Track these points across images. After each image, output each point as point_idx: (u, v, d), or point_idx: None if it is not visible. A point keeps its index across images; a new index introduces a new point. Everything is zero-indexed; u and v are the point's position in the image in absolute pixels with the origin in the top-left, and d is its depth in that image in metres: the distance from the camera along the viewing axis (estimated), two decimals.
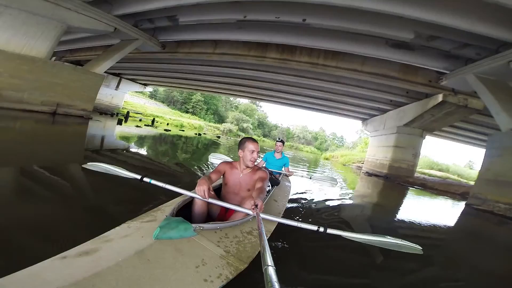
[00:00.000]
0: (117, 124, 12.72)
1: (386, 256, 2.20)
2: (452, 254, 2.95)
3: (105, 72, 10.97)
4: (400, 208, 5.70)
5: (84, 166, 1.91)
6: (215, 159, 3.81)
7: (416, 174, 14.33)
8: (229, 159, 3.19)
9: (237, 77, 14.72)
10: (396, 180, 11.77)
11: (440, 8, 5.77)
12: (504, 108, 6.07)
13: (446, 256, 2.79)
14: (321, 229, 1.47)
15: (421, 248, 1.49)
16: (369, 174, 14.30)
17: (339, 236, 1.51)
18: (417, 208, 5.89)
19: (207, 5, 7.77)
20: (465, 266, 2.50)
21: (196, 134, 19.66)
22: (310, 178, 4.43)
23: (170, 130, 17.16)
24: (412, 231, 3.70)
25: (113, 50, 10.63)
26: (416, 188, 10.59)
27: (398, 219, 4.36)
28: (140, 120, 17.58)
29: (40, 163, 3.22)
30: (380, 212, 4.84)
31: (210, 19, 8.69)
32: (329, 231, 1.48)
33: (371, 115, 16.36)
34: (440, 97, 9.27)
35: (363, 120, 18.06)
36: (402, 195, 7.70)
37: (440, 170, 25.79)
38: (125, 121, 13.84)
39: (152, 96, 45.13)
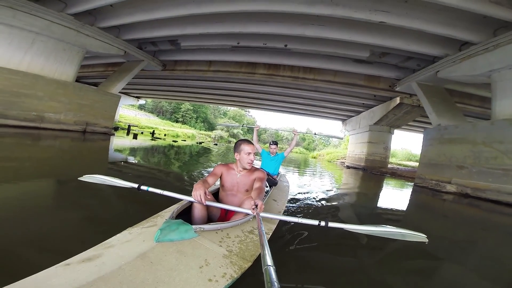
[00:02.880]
0: (133, 138, 14.05)
1: (389, 250, 2.19)
2: (412, 224, 3.59)
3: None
4: (376, 191, 6.89)
5: (80, 178, 1.90)
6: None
7: (390, 165, 16.57)
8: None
9: (229, 89, 16.55)
10: (372, 171, 13.79)
11: (384, 35, 7.82)
12: (434, 109, 8.17)
13: (411, 227, 3.45)
14: (322, 223, 1.45)
15: (425, 236, 1.46)
16: (348, 167, 16.42)
17: (341, 229, 1.49)
18: (386, 191, 7.23)
19: (206, 34, 9.52)
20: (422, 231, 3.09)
21: (197, 143, 21.48)
22: (315, 134, 4.77)
23: (177, 141, 18.75)
24: (381, 210, 4.36)
25: (123, 71, 12.09)
26: (388, 176, 12.57)
27: (375, 202, 5.23)
28: (142, 133, 18.94)
29: (68, 176, 3.38)
30: (363, 197, 5.67)
31: (208, 45, 10.48)
32: (331, 224, 1.46)
33: (349, 116, 18.61)
34: (398, 100, 11.47)
35: (343, 120, 20.30)
36: (377, 182, 9.26)
37: (417, 161, 28.52)
38: (127, 135, 15.29)
39: (141, 107, 44.63)
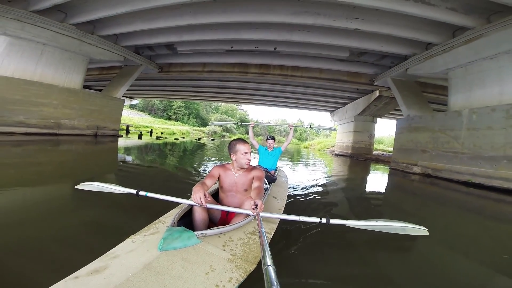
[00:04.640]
0: (138, 138, 15.04)
1: (389, 243, 2.20)
2: (391, 203, 4.28)
3: (95, 89, 12.88)
4: (362, 177, 7.83)
5: (77, 187, 1.89)
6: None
7: (375, 152, 17.99)
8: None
9: (223, 87, 17.45)
10: (358, 158, 15.09)
11: (360, 38, 8.87)
12: (404, 101, 9.43)
13: (391, 206, 4.13)
14: (324, 221, 1.45)
15: (426, 229, 1.48)
16: (336, 155, 17.79)
17: (343, 225, 1.50)
18: (370, 176, 8.25)
19: (202, 40, 10.36)
20: (398, 208, 3.83)
21: (196, 139, 22.72)
22: (310, 127, 5.61)
23: (178, 139, 19.97)
24: (367, 194, 4.94)
25: (124, 76, 12.81)
26: (373, 161, 13.82)
27: (362, 186, 5.89)
28: (141, 132, 19.83)
29: (82, 179, 3.11)
30: (351, 184, 6.17)
31: (203, 49, 11.33)
32: (332, 221, 1.46)
33: (336, 107, 19.87)
34: (377, 93, 12.74)
35: (331, 111, 21.55)
36: (363, 168, 10.35)
37: None
38: (126, 135, 16.22)
39: (132, 106, 43.37)
